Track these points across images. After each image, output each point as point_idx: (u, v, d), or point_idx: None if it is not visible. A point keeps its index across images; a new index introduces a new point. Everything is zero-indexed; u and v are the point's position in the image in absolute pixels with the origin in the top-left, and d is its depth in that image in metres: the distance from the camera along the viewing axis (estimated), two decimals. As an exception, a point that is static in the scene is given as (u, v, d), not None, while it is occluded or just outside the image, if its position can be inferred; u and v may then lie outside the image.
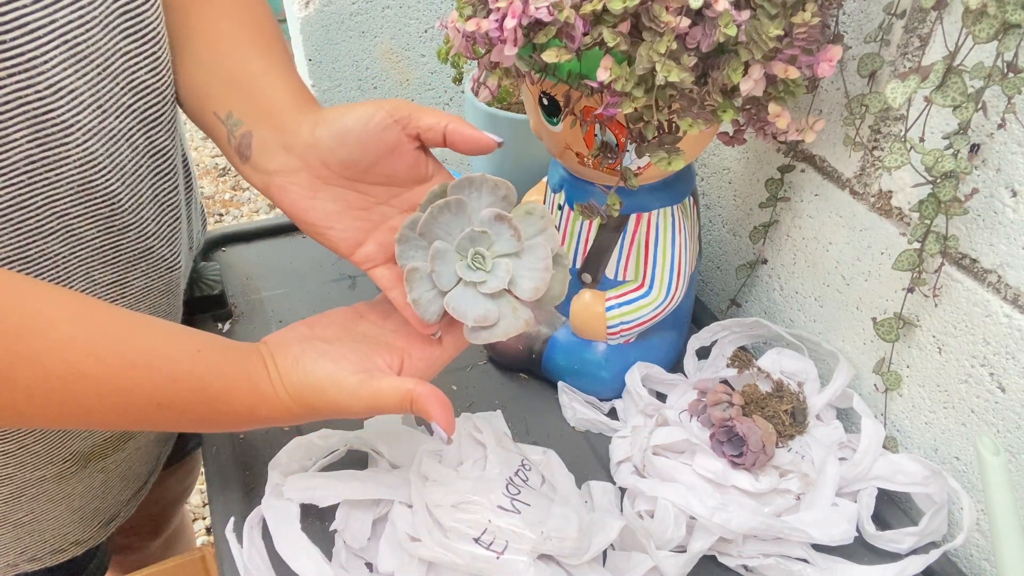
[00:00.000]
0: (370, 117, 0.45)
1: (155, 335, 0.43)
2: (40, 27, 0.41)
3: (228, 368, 0.44)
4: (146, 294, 0.57)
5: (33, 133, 0.43)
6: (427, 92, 1.05)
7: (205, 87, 0.51)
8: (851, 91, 0.57)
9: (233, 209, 2.62)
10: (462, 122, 0.45)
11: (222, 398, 0.44)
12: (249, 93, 0.49)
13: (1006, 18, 0.40)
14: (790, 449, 0.58)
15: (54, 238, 0.48)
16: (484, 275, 0.47)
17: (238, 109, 0.49)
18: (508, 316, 0.47)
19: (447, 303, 0.47)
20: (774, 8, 0.44)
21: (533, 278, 0.47)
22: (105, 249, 0.52)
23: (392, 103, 0.45)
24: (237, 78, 0.50)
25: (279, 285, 0.80)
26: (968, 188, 0.50)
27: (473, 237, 0.47)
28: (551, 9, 0.45)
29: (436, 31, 1.01)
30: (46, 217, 0.47)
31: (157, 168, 0.53)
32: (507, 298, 0.47)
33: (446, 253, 0.47)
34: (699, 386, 0.62)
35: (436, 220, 0.46)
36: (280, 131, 0.47)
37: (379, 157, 0.46)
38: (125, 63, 0.47)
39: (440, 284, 0.47)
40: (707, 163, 0.79)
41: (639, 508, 0.56)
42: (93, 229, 0.50)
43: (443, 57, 0.71)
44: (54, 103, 0.43)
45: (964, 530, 0.52)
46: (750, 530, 0.52)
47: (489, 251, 0.47)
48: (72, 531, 0.64)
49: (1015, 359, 0.51)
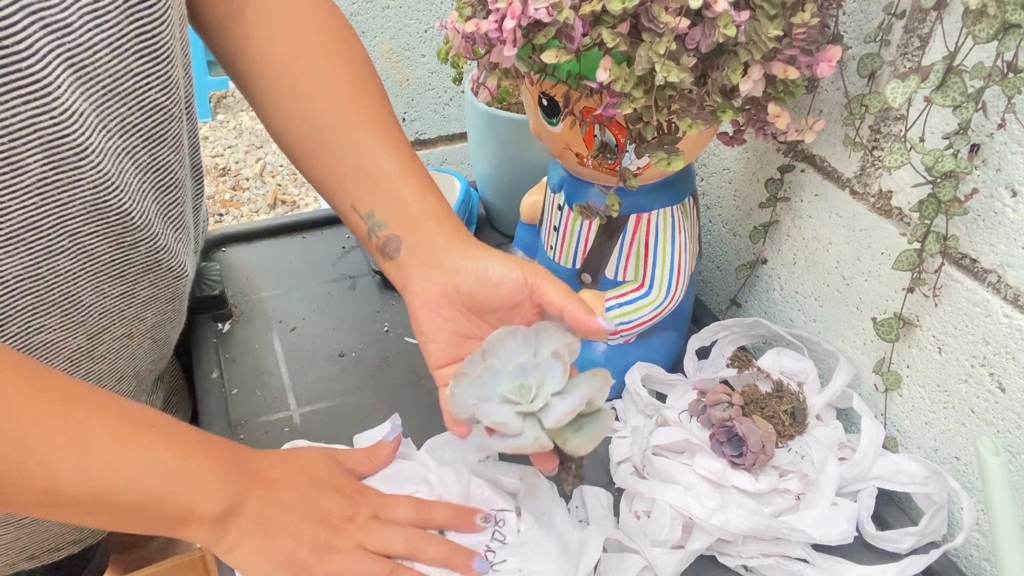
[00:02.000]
0: (509, 273, 0.50)
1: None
2: (53, 53, 0.41)
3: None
4: (152, 302, 0.57)
5: (47, 157, 0.43)
6: (427, 92, 1.04)
7: (340, 178, 0.55)
8: (851, 91, 0.57)
9: (233, 209, 2.62)
10: (581, 306, 0.48)
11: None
12: (390, 197, 0.53)
13: (1006, 18, 0.40)
14: (790, 449, 0.58)
15: (65, 255, 0.48)
16: (524, 400, 0.49)
17: (380, 210, 0.53)
18: (527, 434, 0.48)
19: (477, 406, 0.48)
20: (773, 8, 0.44)
21: (563, 410, 0.47)
22: (115, 263, 0.52)
23: (531, 268, 0.50)
24: (374, 176, 0.53)
25: (279, 285, 0.80)
26: (968, 188, 0.50)
27: (526, 368, 0.49)
28: (550, 10, 0.45)
29: (436, 31, 1.01)
30: (57, 237, 0.47)
31: (160, 183, 0.53)
32: (534, 422, 0.48)
33: (498, 372, 0.49)
34: (699, 386, 0.62)
35: (501, 343, 0.50)
36: (428, 248, 0.52)
37: (503, 307, 0.51)
38: (136, 83, 0.48)
39: (480, 394, 0.49)
40: (707, 163, 0.79)
41: (636, 508, 0.56)
42: (104, 245, 0.50)
43: (443, 57, 0.71)
44: (70, 127, 0.43)
45: (964, 530, 0.52)
46: (749, 531, 0.52)
47: (538, 387, 0.49)
48: (69, 530, 0.64)
49: (1015, 359, 0.51)
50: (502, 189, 0.84)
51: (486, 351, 0.50)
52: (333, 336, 0.74)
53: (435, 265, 0.51)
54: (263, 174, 2.78)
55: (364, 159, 0.54)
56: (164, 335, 0.62)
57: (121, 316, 0.55)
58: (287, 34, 0.56)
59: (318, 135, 0.55)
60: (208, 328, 0.74)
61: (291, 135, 0.57)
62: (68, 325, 0.51)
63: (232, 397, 0.67)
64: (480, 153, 0.83)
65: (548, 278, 0.50)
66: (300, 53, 0.56)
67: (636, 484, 0.56)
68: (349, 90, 0.56)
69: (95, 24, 0.43)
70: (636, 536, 0.53)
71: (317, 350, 0.73)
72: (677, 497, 0.53)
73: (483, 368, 0.49)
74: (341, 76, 0.56)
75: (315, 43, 0.57)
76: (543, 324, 0.51)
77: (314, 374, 0.70)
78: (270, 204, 2.63)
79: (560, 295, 0.49)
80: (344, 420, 0.65)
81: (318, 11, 0.58)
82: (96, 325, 0.53)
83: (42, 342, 0.50)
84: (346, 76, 0.56)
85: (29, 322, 0.49)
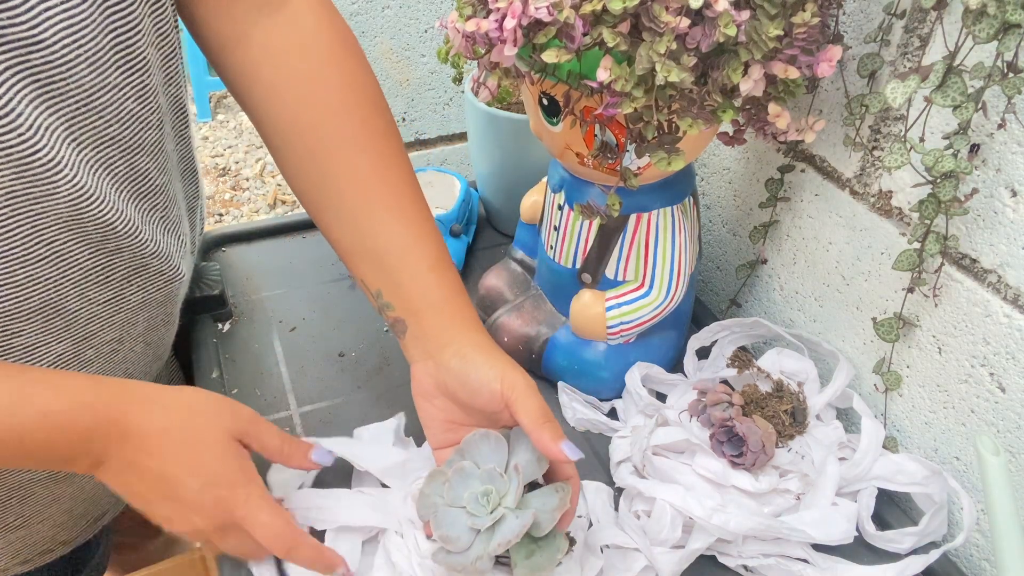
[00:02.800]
0: (488, 384, 0.50)
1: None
2: (12, 70, 0.41)
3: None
4: (144, 306, 0.57)
5: (14, 172, 0.43)
6: (427, 92, 1.04)
7: (349, 253, 0.56)
8: (851, 91, 0.57)
9: (233, 209, 2.62)
10: (548, 433, 0.48)
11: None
12: (395, 281, 0.54)
13: (1006, 18, 0.40)
14: (790, 449, 0.58)
15: (43, 263, 0.48)
16: (482, 511, 0.49)
17: (387, 293, 0.54)
18: (471, 552, 0.48)
19: (433, 513, 0.49)
20: (774, 8, 0.44)
21: (505, 534, 0.47)
22: (98, 269, 0.51)
23: (511, 380, 0.50)
24: (380, 257, 0.54)
25: (279, 285, 0.80)
26: (968, 188, 0.50)
27: (493, 476, 0.50)
28: (551, 9, 0.45)
29: (436, 31, 1.01)
30: (33, 245, 0.47)
31: (142, 190, 0.52)
32: (485, 539, 0.48)
33: (468, 476, 0.50)
34: (699, 386, 0.62)
35: (476, 446, 0.51)
36: (426, 338, 0.53)
37: (482, 411, 0.52)
38: (113, 96, 0.47)
39: (449, 496, 0.50)
40: (707, 163, 0.79)
41: (636, 508, 0.56)
42: (84, 252, 0.50)
43: (443, 57, 0.71)
44: (36, 143, 0.43)
45: (964, 530, 0.52)
46: (749, 531, 0.52)
47: (501, 497, 0.49)
48: (60, 532, 0.64)
49: (1015, 359, 0.51)
50: (502, 189, 0.84)
51: (462, 451, 0.51)
52: (333, 336, 0.74)
53: (430, 356, 0.53)
54: (263, 174, 2.78)
55: (370, 238, 0.54)
56: (157, 338, 0.61)
57: (110, 321, 0.54)
58: (294, 79, 0.54)
59: (327, 202, 0.55)
60: (208, 328, 0.74)
61: (301, 189, 0.57)
62: (51, 330, 0.51)
63: (232, 397, 0.67)
64: (480, 153, 0.83)
65: (525, 397, 0.49)
66: (308, 102, 0.54)
67: (636, 483, 0.56)
68: (358, 148, 0.54)
69: (72, 40, 0.43)
70: (636, 535, 0.53)
71: (317, 350, 0.73)
72: (677, 497, 0.53)
73: (454, 470, 0.50)
74: (348, 131, 0.54)
75: (321, 88, 0.54)
76: (519, 430, 0.51)
77: (314, 374, 0.70)
78: (270, 204, 2.63)
79: (531, 419, 0.48)
80: (344, 420, 0.65)
81: (324, 40, 0.55)
82: (82, 330, 0.53)
83: (22, 346, 0.50)
84: (356, 128, 0.54)
85: (6, 326, 0.48)
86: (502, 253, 0.82)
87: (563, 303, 0.67)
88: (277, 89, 0.54)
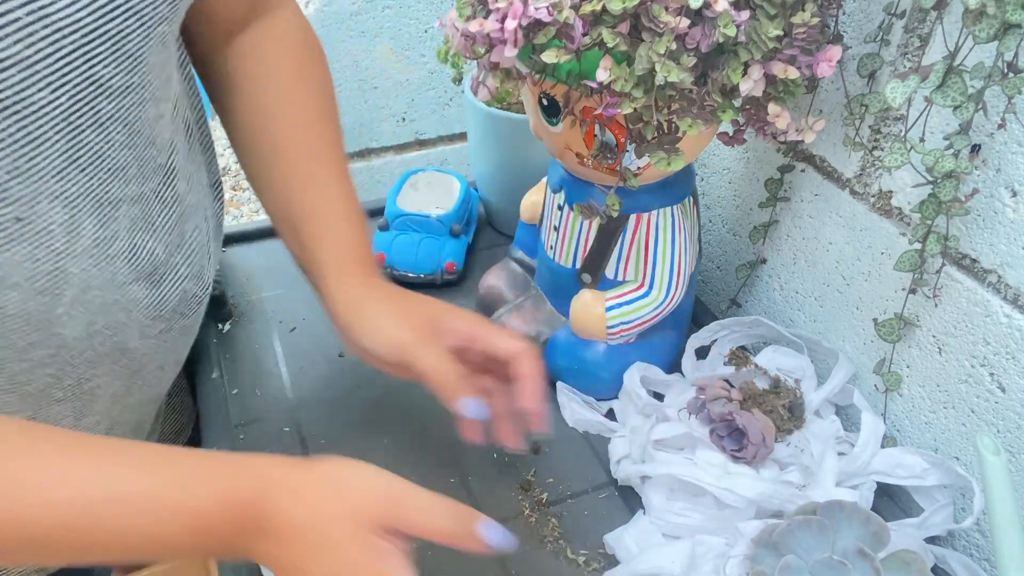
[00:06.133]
0: (387, 352, 0.53)
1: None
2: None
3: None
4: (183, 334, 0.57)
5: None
6: (427, 92, 1.05)
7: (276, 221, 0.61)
8: (851, 91, 0.57)
9: (233, 209, 2.62)
10: (451, 392, 0.50)
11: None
12: (302, 246, 0.57)
13: (1006, 18, 0.40)
14: (788, 444, 0.58)
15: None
16: None
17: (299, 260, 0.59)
18: None
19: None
20: (773, 8, 0.44)
21: None
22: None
23: (399, 344, 0.52)
24: (295, 222, 0.58)
25: (279, 285, 0.80)
26: (968, 188, 0.50)
27: (831, 565, 0.46)
28: (551, 9, 0.45)
29: (436, 31, 1.01)
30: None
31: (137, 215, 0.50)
32: None
33: (799, 571, 0.46)
34: (697, 383, 0.62)
35: (794, 534, 0.47)
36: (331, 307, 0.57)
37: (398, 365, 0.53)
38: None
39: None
40: (707, 163, 0.79)
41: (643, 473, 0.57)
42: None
43: (443, 57, 0.71)
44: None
45: (973, 514, 0.51)
46: (757, 496, 0.52)
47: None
48: None
49: (1015, 359, 0.51)
50: (502, 189, 0.84)
51: (777, 544, 0.47)
52: (333, 336, 0.74)
53: (337, 323, 0.57)
54: (263, 174, 2.78)
55: (284, 205, 0.59)
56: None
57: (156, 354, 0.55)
58: (262, 67, 0.59)
59: (263, 179, 0.62)
60: (208, 328, 0.74)
61: (252, 174, 0.64)
62: (116, 373, 0.52)
63: (232, 397, 0.67)
64: (480, 153, 0.83)
65: (416, 357, 0.51)
66: (265, 87, 0.60)
67: (640, 468, 0.56)
68: (296, 123, 0.59)
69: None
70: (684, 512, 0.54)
71: (317, 350, 0.73)
72: (684, 468, 0.54)
73: (782, 564, 0.46)
74: (292, 110, 0.60)
75: (276, 76, 0.60)
76: (828, 504, 0.47)
77: (314, 374, 0.70)
78: (270, 204, 2.63)
79: (437, 380, 0.51)
80: (344, 420, 0.65)
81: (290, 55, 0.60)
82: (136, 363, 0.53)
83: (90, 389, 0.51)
84: (300, 106, 0.60)
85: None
86: (502, 253, 0.82)
87: (563, 303, 0.66)
88: (254, 80, 0.60)
